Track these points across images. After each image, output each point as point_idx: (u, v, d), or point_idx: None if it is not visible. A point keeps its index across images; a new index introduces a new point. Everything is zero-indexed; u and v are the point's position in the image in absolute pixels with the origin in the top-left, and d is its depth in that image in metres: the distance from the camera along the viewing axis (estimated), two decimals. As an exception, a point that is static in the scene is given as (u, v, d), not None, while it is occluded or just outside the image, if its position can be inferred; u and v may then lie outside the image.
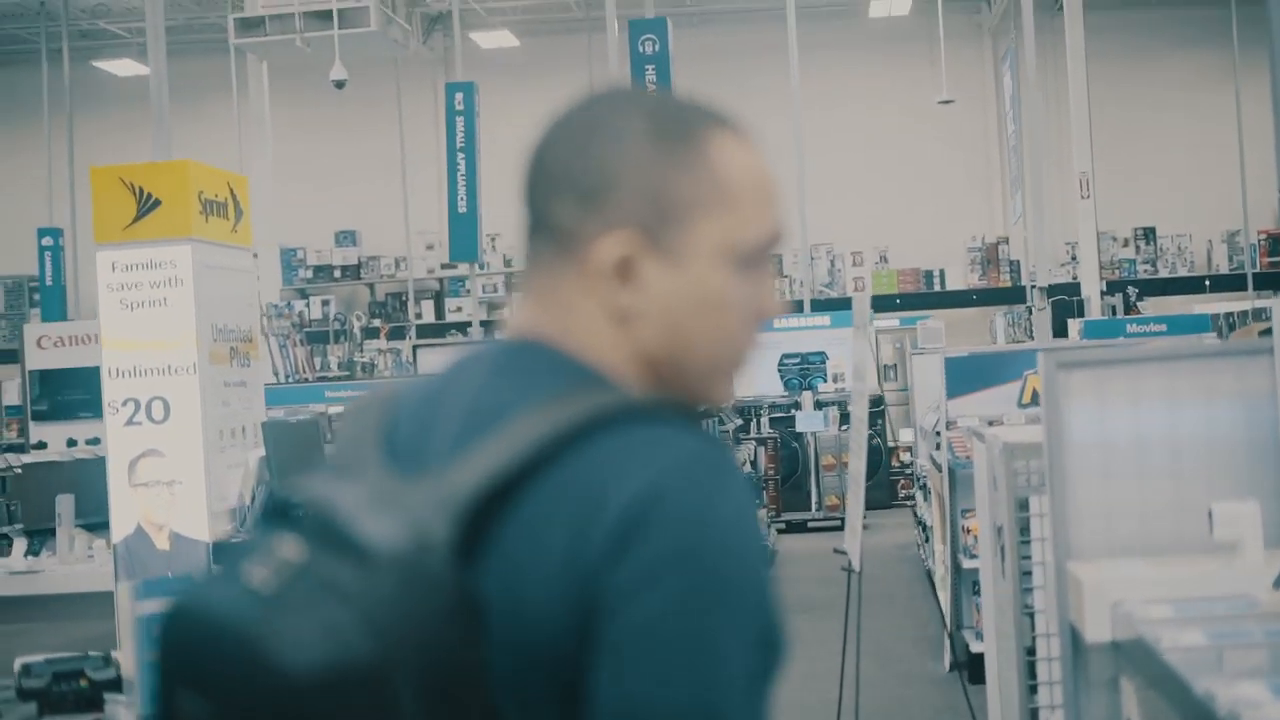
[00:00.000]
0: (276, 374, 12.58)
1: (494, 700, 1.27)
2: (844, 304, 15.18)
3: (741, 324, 1.39)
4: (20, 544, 8.16)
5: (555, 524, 1.27)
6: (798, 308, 15.75)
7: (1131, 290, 15.95)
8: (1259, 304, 13.76)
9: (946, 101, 14.60)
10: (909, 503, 13.32)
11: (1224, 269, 17.02)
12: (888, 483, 14.73)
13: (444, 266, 16.49)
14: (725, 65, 17.21)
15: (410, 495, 1.29)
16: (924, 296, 18.23)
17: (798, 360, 15.38)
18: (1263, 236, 16.80)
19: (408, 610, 1.23)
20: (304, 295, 16.94)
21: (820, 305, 16.29)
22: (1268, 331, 4.19)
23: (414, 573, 1.25)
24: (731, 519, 1.27)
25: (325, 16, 13.42)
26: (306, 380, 13.25)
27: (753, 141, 1.43)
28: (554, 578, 1.26)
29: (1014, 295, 17.28)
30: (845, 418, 13.61)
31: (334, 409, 10.34)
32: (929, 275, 18.31)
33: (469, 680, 1.26)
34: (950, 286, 18.23)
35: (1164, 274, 16.95)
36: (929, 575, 10.24)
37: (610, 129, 1.37)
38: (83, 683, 3.39)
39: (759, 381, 15.14)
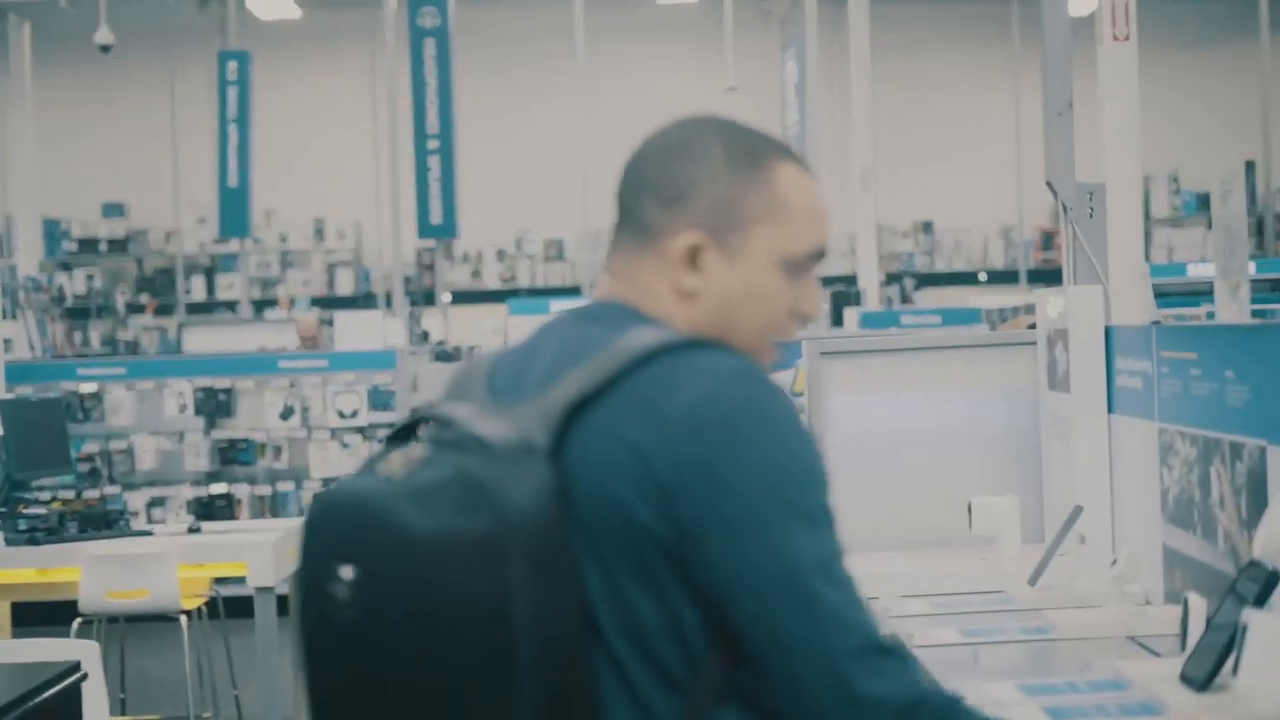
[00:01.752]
0: (33, 349, 12.01)
1: (572, 561, 1.58)
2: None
3: (780, 317, 1.74)
4: None
5: (624, 424, 1.60)
6: (576, 292, 15.60)
7: (909, 282, 16.12)
8: (1031, 299, 14.01)
9: (732, 89, 14.57)
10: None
11: (999, 263, 17.33)
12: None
13: (216, 242, 15.93)
14: (510, 44, 16.97)
15: (514, 412, 1.64)
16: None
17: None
18: (1037, 232, 17.15)
19: (515, 490, 1.54)
20: (67, 268, 16.21)
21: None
22: (1036, 326, 4.14)
23: (520, 464, 1.57)
24: (783, 411, 1.61)
25: (91, -23, 12.87)
26: (64, 357, 12.71)
27: (810, 173, 1.78)
28: (626, 468, 1.59)
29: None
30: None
31: (86, 387, 9.84)
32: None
33: (558, 549, 1.56)
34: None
35: (941, 267, 17.20)
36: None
37: (697, 148, 1.74)
38: None
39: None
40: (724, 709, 1.60)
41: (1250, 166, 16.51)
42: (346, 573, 1.59)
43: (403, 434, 1.73)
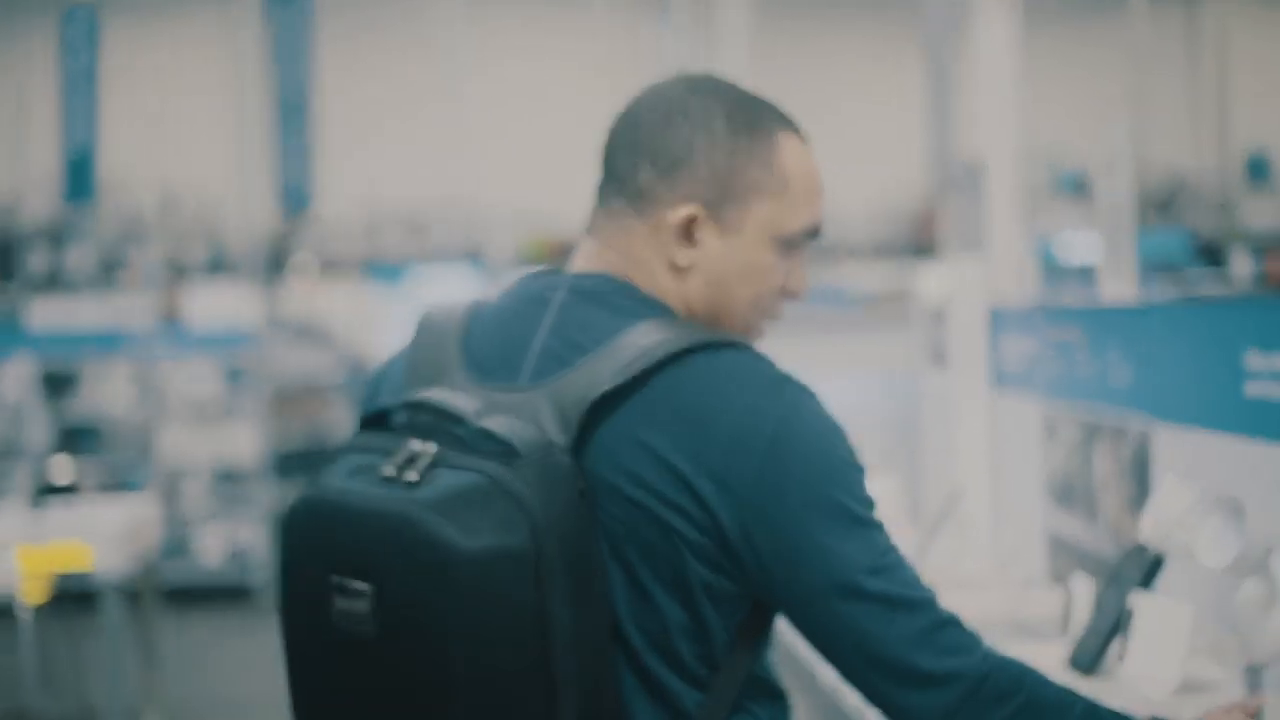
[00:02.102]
0: None
1: (601, 568, 1.53)
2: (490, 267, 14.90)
3: (771, 294, 1.68)
4: None
5: (651, 430, 1.54)
6: (438, 262, 15.39)
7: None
8: (913, 276, 13.95)
9: (600, 59, 14.47)
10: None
11: (881, 240, 17.38)
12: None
13: (59, 209, 15.43)
14: (374, 8, 16.67)
15: (524, 402, 1.55)
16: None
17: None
18: (920, 208, 17.21)
19: (547, 499, 1.47)
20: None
21: (468, 263, 15.96)
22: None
23: (547, 467, 1.49)
24: (820, 413, 1.57)
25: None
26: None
27: (807, 144, 1.70)
28: (654, 476, 1.53)
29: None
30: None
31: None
32: (578, 240, 18.17)
33: (590, 556, 1.51)
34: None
35: (827, 245, 17.23)
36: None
37: (697, 114, 1.65)
38: None
39: (393, 344, 14.73)
40: (746, 699, 1.60)
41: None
42: (359, 586, 1.49)
43: (374, 422, 1.64)
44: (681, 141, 1.64)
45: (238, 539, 8.90)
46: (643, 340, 1.56)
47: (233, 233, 15.94)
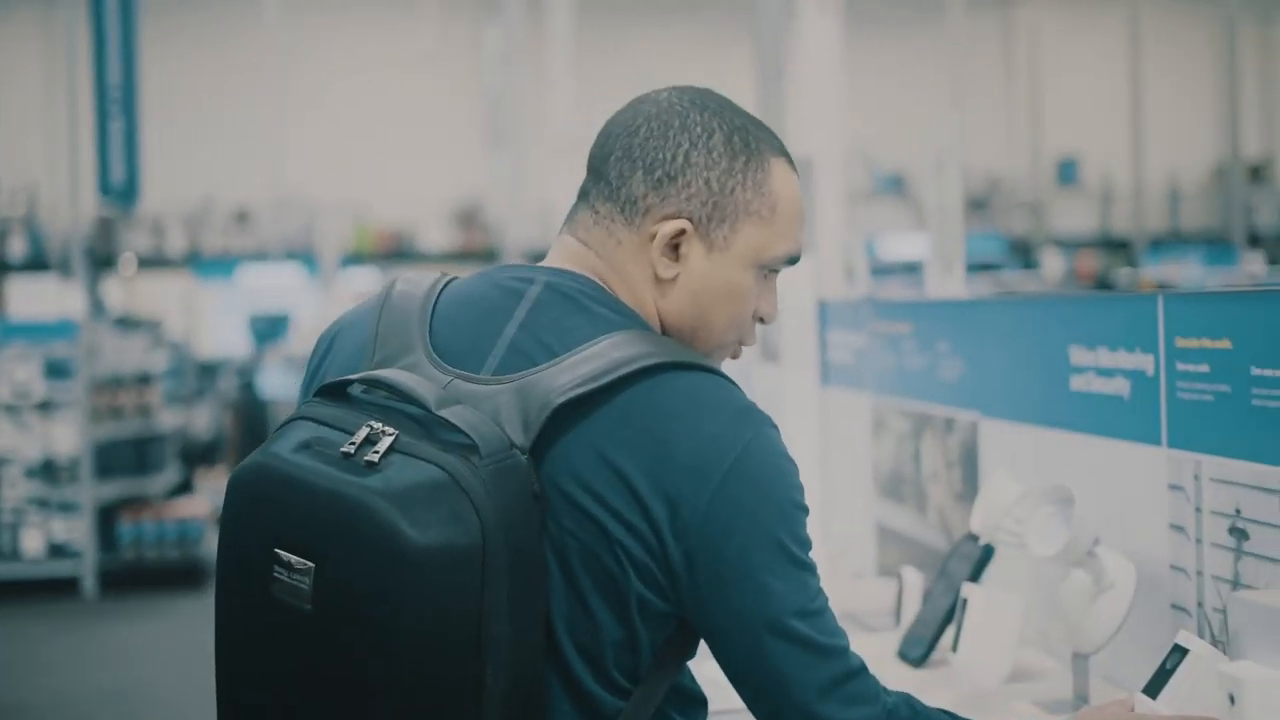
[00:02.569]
0: None
1: (543, 571, 1.52)
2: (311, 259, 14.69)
3: (747, 317, 1.69)
4: None
5: (612, 444, 1.53)
6: (265, 258, 15.13)
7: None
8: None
9: (429, 53, 14.34)
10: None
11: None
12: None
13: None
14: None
15: (487, 395, 1.54)
16: (403, 257, 17.93)
17: (267, 320, 14.77)
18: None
19: (500, 500, 1.46)
20: None
21: (298, 258, 15.72)
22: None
23: (504, 467, 1.48)
24: (779, 450, 1.56)
25: None
26: None
27: (796, 171, 1.72)
28: (609, 490, 1.52)
29: (493, 257, 17.27)
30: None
31: None
32: (408, 235, 18.03)
33: (535, 560, 1.50)
34: (430, 247, 18.02)
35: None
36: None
37: (697, 130, 1.65)
38: None
39: (223, 340, 14.48)
40: (667, 706, 1.62)
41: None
42: (302, 564, 1.48)
43: (333, 392, 1.60)
44: (679, 155, 1.64)
45: (59, 532, 8.70)
46: (615, 351, 1.56)
47: (55, 225, 15.51)
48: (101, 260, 14.93)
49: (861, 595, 3.11)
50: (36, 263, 15.47)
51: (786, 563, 1.54)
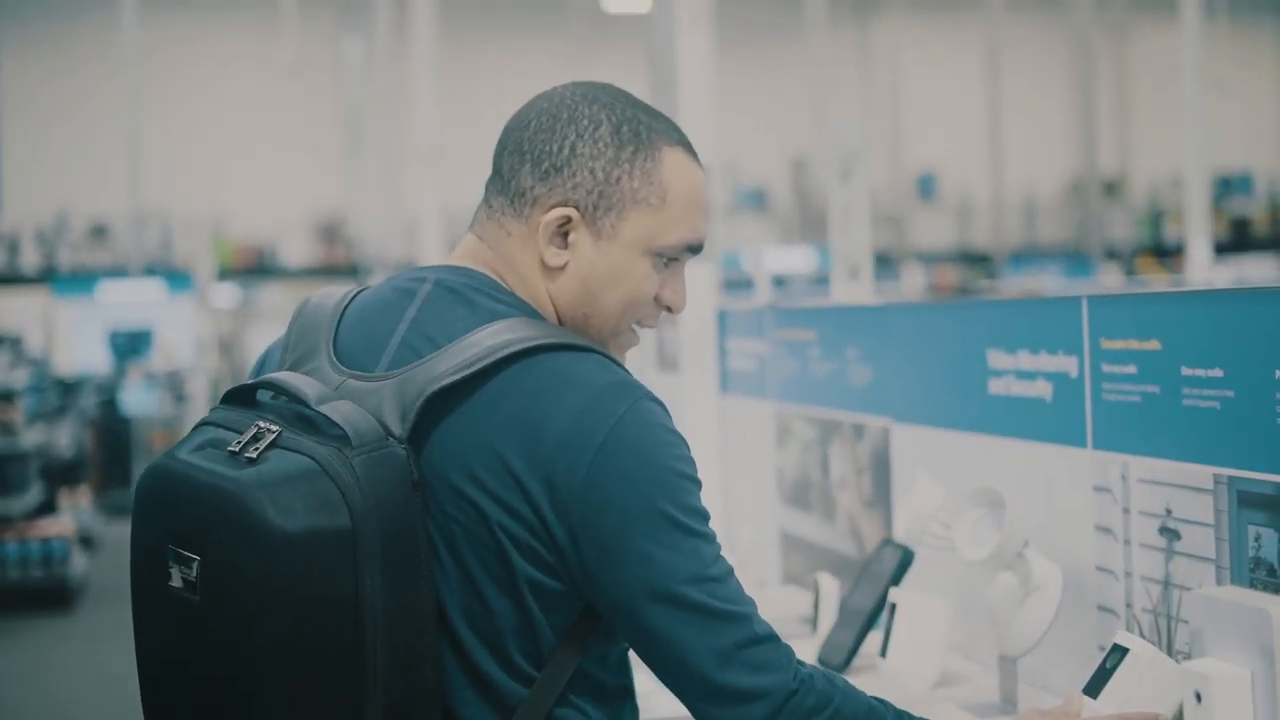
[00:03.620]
0: None
1: (426, 557, 1.56)
2: (182, 276, 14.40)
3: (643, 303, 1.71)
4: None
5: (488, 429, 1.56)
6: (125, 273, 14.81)
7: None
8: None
9: (290, 66, 14.14)
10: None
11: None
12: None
13: None
14: (53, 8, 15.94)
15: (372, 391, 1.59)
16: (264, 272, 17.65)
17: (128, 336, 14.44)
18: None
19: (372, 487, 1.51)
20: None
21: (158, 273, 15.39)
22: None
23: (378, 456, 1.53)
24: (656, 421, 1.58)
25: None
26: None
27: (697, 161, 1.73)
28: (489, 475, 1.56)
29: (355, 272, 17.06)
30: (181, 396, 12.86)
31: None
32: (269, 250, 17.76)
33: (413, 544, 1.54)
34: (291, 262, 17.76)
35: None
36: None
37: (584, 121, 1.68)
38: None
39: (83, 357, 14.13)
40: (571, 695, 1.61)
41: (800, 165, 17.27)
42: (190, 559, 1.54)
43: (242, 395, 1.67)
44: (565, 147, 1.68)
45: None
46: (490, 339, 1.59)
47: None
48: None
49: (769, 603, 3.08)
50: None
51: (672, 530, 1.55)
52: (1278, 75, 18.68)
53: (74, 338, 15.17)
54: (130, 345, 14.42)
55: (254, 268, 17.74)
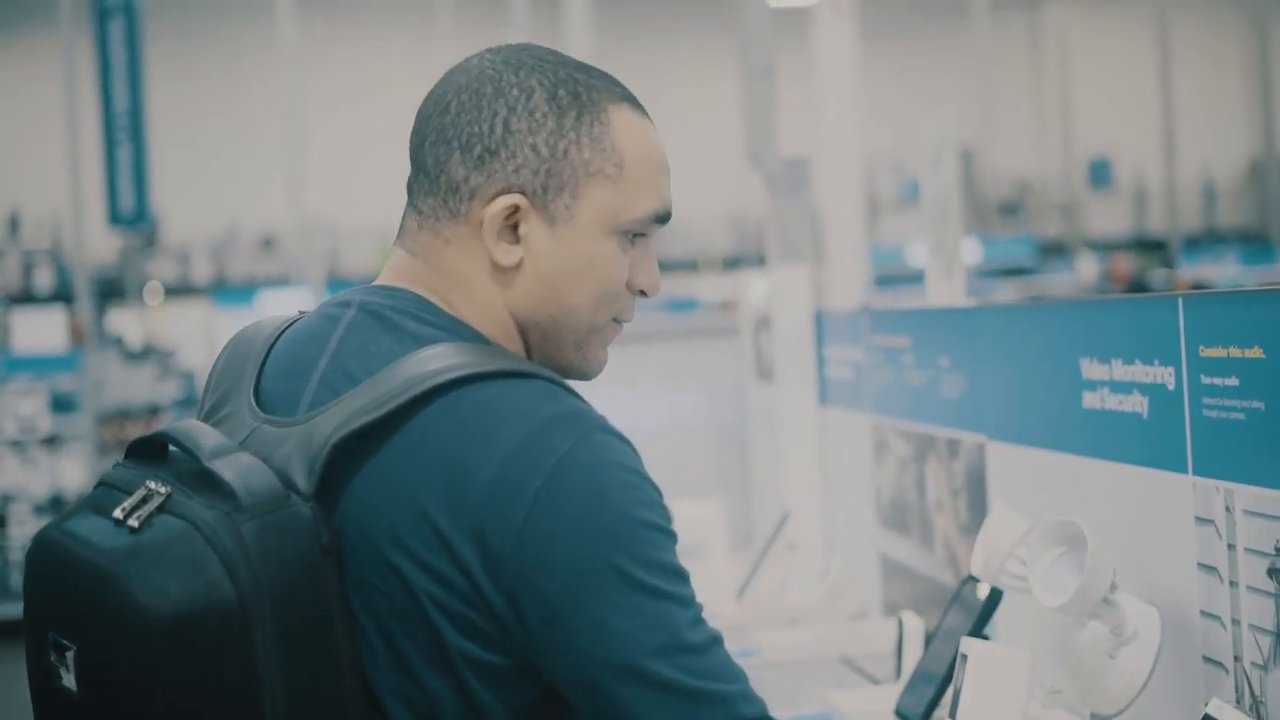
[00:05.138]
0: None
1: (344, 635, 1.31)
2: (346, 285, 14.44)
3: (617, 292, 1.46)
4: None
5: (410, 478, 1.31)
6: (286, 282, 14.92)
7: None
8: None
9: (447, 64, 14.13)
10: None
11: (729, 250, 17.14)
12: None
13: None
14: (210, 20, 16.16)
15: (284, 439, 1.36)
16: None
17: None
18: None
19: (266, 555, 1.27)
20: None
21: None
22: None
23: (274, 519, 1.29)
24: (609, 460, 1.31)
25: None
26: None
27: (648, 117, 1.49)
28: (412, 533, 1.30)
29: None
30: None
31: None
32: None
33: (323, 620, 1.30)
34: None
35: (666, 255, 16.93)
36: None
37: (513, 91, 1.42)
38: None
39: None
40: None
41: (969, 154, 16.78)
42: (66, 648, 1.32)
43: (148, 448, 1.41)
44: (497, 124, 1.42)
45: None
46: (412, 369, 1.35)
47: (70, 256, 15.35)
48: (117, 290, 14.73)
49: (863, 638, 2.82)
50: (63, 295, 15.30)
51: (633, 592, 1.28)
52: None
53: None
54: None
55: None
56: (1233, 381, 1.74)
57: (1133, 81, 17.42)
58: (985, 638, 2.12)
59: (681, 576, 1.33)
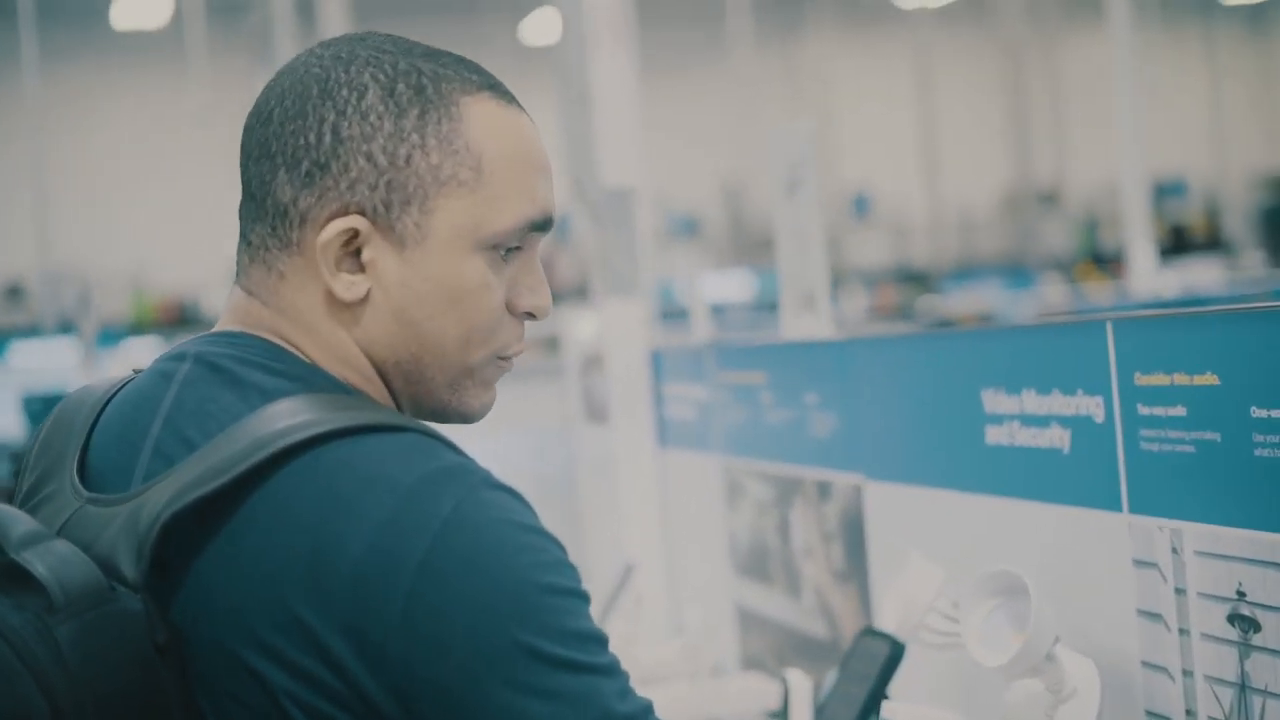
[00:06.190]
0: None
1: None
2: (102, 334, 13.82)
3: (492, 321, 1.25)
4: None
5: (260, 559, 1.11)
6: (37, 333, 14.25)
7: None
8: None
9: (200, 112, 13.63)
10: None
11: (568, 283, 16.89)
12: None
13: None
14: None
15: (102, 523, 1.15)
16: (187, 324, 17.08)
17: (42, 400, 13.82)
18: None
19: (88, 659, 1.07)
20: None
21: (75, 332, 14.80)
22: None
23: (95, 616, 1.09)
24: (497, 519, 1.12)
25: None
26: None
27: (517, 106, 1.27)
28: (266, 626, 1.09)
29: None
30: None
31: None
32: (191, 301, 17.18)
33: None
34: (216, 311, 17.17)
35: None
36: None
37: (342, 92, 1.21)
38: None
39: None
40: None
41: (732, 189, 16.89)
42: None
43: None
44: (325, 133, 1.20)
45: None
46: (260, 429, 1.14)
47: None
48: None
49: (728, 698, 2.62)
50: None
51: (548, 670, 1.10)
52: (1207, 79, 18.45)
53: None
54: (45, 410, 13.81)
55: (177, 320, 17.20)
56: (1178, 411, 1.60)
57: (892, 113, 17.76)
58: (886, 696, 1.95)
59: (601, 642, 1.15)
